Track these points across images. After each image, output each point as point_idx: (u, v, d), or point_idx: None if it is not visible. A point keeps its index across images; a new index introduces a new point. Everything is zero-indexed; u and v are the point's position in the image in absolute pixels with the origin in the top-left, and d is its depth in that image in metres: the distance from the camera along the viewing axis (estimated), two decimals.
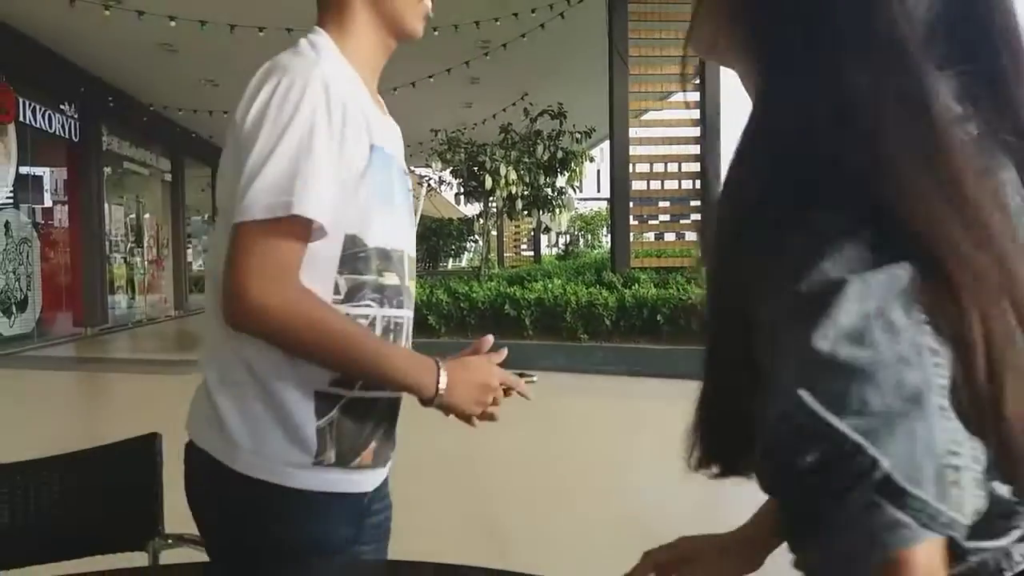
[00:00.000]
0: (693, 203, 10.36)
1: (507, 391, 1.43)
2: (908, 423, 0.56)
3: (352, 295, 1.31)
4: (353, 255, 1.30)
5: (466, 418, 1.39)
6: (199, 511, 1.38)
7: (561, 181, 12.44)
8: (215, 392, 1.30)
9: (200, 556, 1.83)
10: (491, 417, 1.41)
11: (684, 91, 1.06)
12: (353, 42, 1.39)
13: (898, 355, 0.57)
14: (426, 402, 1.34)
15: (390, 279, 1.35)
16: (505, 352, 1.45)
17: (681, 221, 11.01)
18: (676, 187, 10.29)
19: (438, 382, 1.31)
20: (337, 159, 1.26)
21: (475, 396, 1.36)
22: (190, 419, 1.37)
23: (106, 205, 14.98)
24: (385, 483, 1.49)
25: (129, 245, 16.79)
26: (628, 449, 6.03)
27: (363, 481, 1.38)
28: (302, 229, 1.22)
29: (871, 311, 0.58)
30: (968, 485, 0.57)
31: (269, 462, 1.28)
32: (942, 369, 0.58)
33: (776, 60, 0.70)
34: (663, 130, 10.40)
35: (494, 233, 15.96)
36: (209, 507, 1.37)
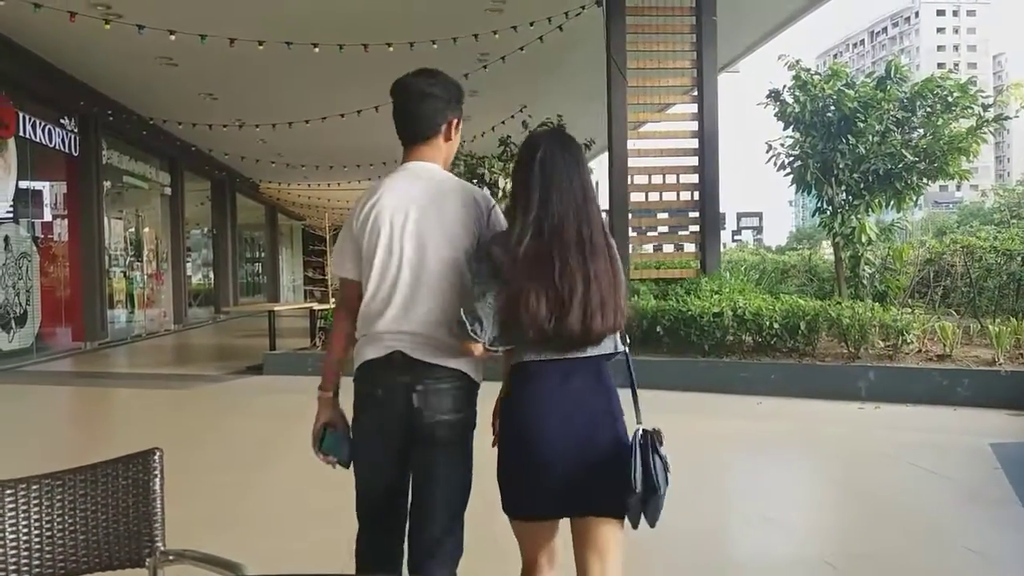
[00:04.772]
0: (692, 214, 10.36)
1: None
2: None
3: None
4: None
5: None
6: (455, 417, 2.38)
7: None
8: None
9: (200, 573, 1.82)
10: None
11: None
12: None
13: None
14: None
15: None
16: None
17: (680, 232, 11.01)
18: (675, 198, 10.30)
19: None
20: None
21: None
22: (454, 360, 2.35)
23: (106, 219, 14.99)
24: None
25: (128, 259, 16.80)
26: None
27: None
28: None
29: None
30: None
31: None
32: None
33: None
34: (661, 142, 10.43)
35: None
36: (463, 402, 2.39)
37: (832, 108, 9.85)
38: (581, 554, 2.30)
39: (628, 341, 2.34)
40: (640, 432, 2.22)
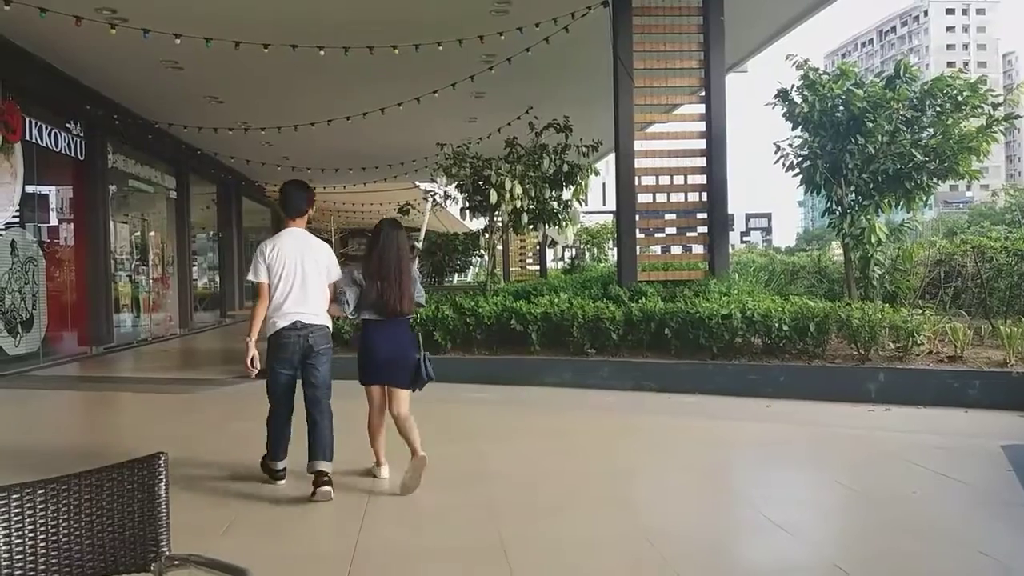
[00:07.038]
0: (700, 215, 10.32)
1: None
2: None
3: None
4: None
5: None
6: (326, 344, 5.18)
7: (567, 195, 12.41)
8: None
9: None
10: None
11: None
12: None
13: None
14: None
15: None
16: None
17: (687, 234, 10.97)
18: (682, 200, 10.26)
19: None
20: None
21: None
22: (323, 321, 5.17)
23: (111, 223, 15.00)
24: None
25: (134, 263, 16.80)
26: (636, 465, 5.97)
27: None
28: None
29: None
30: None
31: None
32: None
33: None
34: (668, 143, 10.39)
35: (499, 247, 15.90)
36: (329, 339, 5.22)
37: (841, 108, 9.81)
38: (389, 403, 5.15)
39: (415, 314, 5.34)
40: (422, 354, 5.09)
